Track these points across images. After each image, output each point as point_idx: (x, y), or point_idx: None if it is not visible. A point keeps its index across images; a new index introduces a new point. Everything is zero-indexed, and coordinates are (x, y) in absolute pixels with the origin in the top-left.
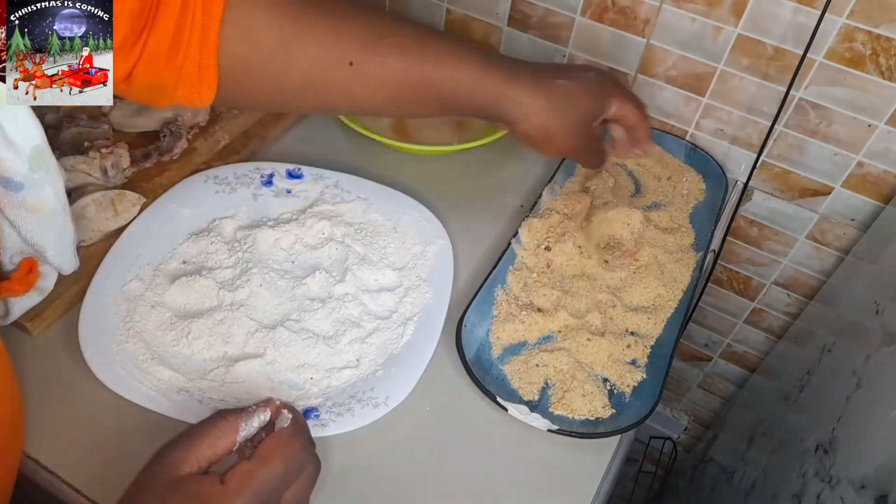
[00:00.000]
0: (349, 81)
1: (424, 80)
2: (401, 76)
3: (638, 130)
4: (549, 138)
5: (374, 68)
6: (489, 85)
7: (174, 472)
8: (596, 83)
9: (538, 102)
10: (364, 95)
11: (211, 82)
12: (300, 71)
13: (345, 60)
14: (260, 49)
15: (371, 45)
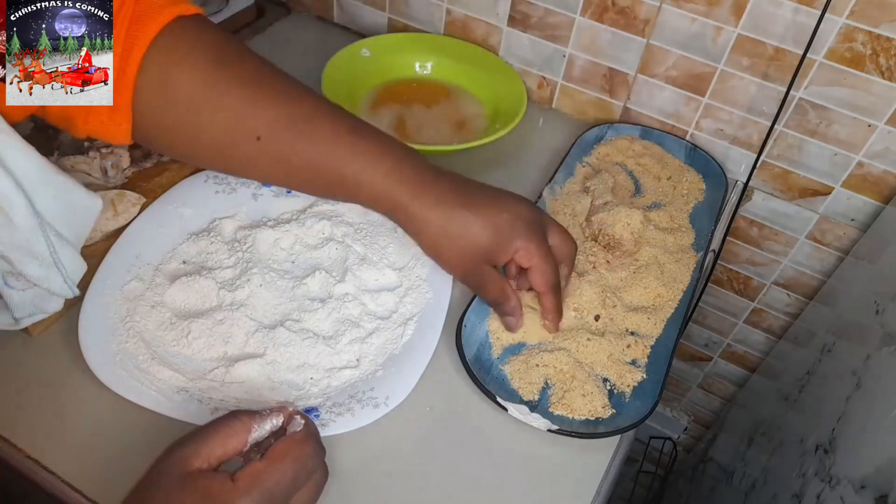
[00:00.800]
0: (255, 155)
1: (329, 174)
2: (306, 164)
3: (541, 298)
4: (439, 258)
5: (280, 148)
6: (390, 196)
7: (184, 468)
8: (502, 225)
9: (431, 228)
10: (269, 171)
11: (123, 122)
12: (209, 136)
13: (252, 135)
14: (173, 106)
15: (281, 126)
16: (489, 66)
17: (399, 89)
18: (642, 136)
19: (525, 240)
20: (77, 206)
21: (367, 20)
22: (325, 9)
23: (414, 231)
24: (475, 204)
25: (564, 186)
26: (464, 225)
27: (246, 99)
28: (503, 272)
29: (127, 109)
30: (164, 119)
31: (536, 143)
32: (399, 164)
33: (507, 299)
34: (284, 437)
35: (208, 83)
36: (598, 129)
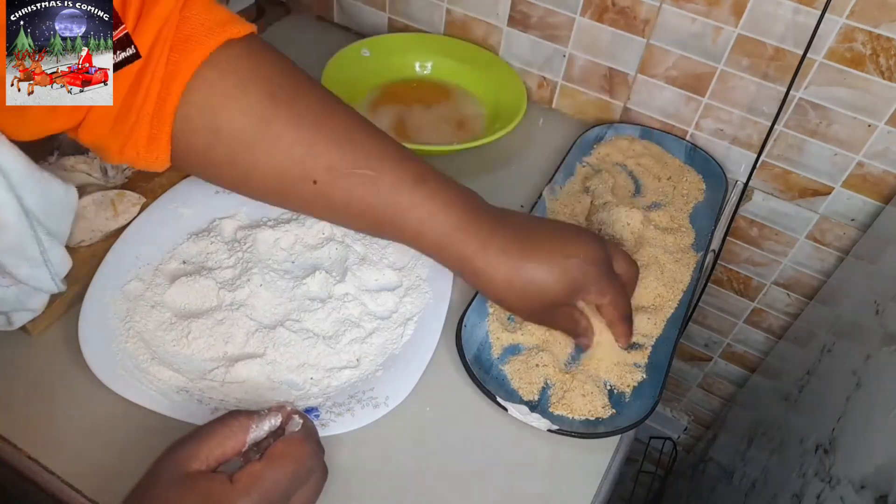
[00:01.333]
0: (311, 198)
1: (389, 224)
2: (366, 211)
3: (614, 328)
4: (506, 308)
5: (339, 194)
6: (454, 250)
7: (183, 469)
8: (574, 272)
9: (497, 283)
10: (326, 213)
11: (161, 154)
12: (261, 176)
13: (308, 178)
14: (222, 142)
15: (340, 171)
16: (489, 66)
17: (399, 89)
18: (642, 136)
19: (597, 283)
20: (57, 199)
21: (367, 20)
22: (325, 9)
23: (479, 284)
24: (540, 251)
25: (564, 186)
26: (532, 277)
27: (303, 141)
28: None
29: (166, 141)
30: (210, 153)
31: (536, 143)
32: (463, 216)
33: (578, 327)
34: (283, 437)
35: (263, 121)
36: (598, 129)
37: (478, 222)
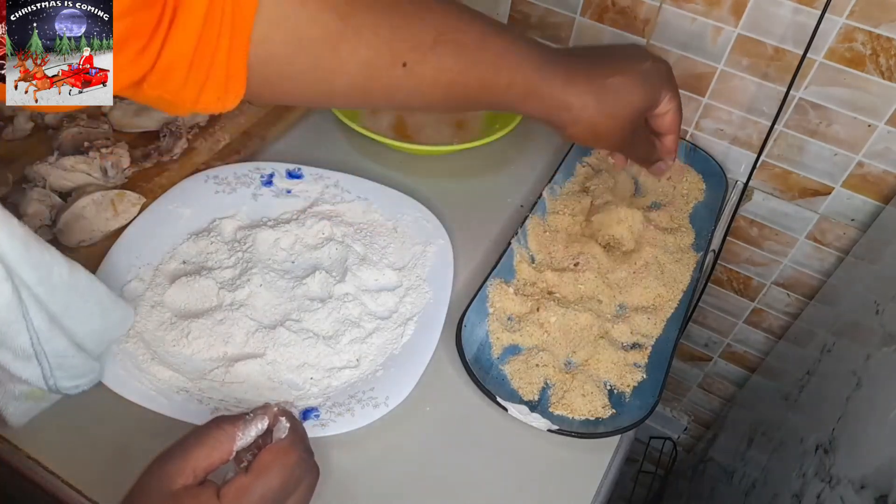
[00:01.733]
0: (400, 82)
1: (480, 83)
2: (456, 79)
3: (666, 139)
4: (597, 137)
5: (428, 70)
6: (544, 92)
7: (170, 486)
8: (650, 76)
9: (589, 110)
10: (414, 96)
11: (238, 90)
12: (347, 74)
13: (398, 62)
14: (303, 51)
15: (427, 46)
16: None
17: None
18: None
19: (668, 84)
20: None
21: None
22: None
23: (571, 119)
24: (617, 67)
25: (564, 186)
26: (617, 94)
27: (388, 22)
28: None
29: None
30: (290, 68)
31: (536, 143)
32: (543, 56)
33: (655, 149)
34: (270, 445)
35: (342, 14)
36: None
37: (556, 58)
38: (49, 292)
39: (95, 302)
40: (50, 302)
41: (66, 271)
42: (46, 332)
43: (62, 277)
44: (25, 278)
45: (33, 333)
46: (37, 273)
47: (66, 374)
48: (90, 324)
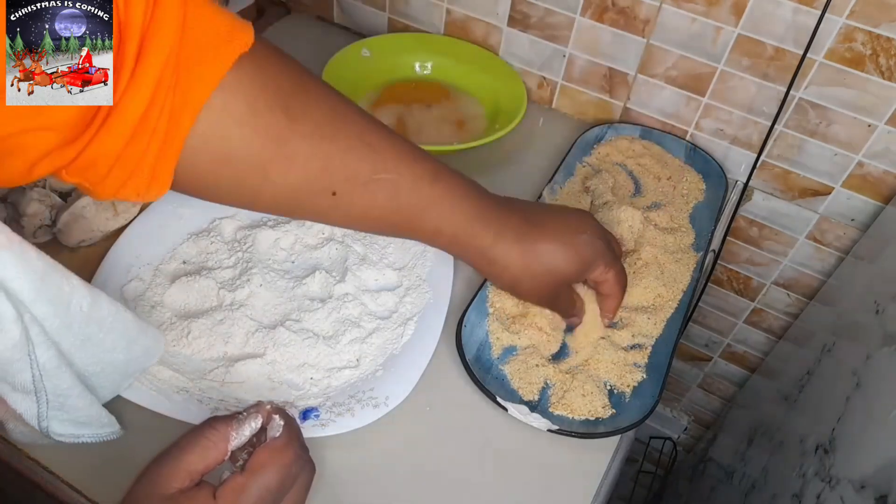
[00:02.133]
0: (327, 209)
1: (408, 225)
2: (383, 216)
3: (607, 301)
4: (516, 293)
5: (357, 204)
6: (470, 245)
7: (165, 490)
8: (583, 248)
9: (512, 269)
10: (340, 222)
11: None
12: (273, 194)
13: (327, 191)
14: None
15: (361, 181)
16: (489, 66)
17: (399, 89)
18: (642, 136)
19: (603, 257)
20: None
21: (367, 20)
22: (325, 9)
23: (494, 272)
24: (551, 233)
25: (564, 186)
26: (548, 260)
27: (321, 155)
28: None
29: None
30: (219, 176)
31: (536, 143)
32: (478, 208)
33: (575, 306)
34: (265, 444)
35: (278, 141)
36: (598, 129)
37: (489, 213)
38: (64, 326)
39: (119, 333)
40: (64, 336)
41: (87, 302)
42: (53, 368)
43: (82, 309)
44: (39, 314)
45: (36, 370)
46: (53, 307)
47: (65, 416)
48: (111, 356)
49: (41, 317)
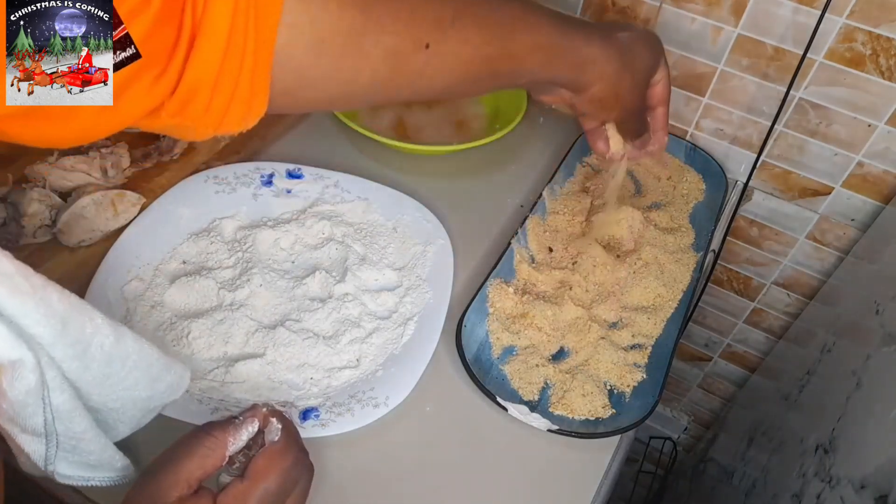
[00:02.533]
0: (424, 65)
1: (503, 52)
2: (479, 51)
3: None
4: (617, 97)
5: (451, 48)
6: (567, 49)
7: (164, 499)
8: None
9: (613, 62)
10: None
11: (260, 107)
12: (372, 67)
13: (421, 45)
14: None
15: (447, 23)
16: None
17: None
18: None
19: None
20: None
21: None
22: None
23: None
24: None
25: (564, 186)
26: (632, 50)
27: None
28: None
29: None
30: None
31: (536, 143)
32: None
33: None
34: (264, 449)
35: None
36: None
37: (569, 20)
38: (83, 367)
39: (143, 371)
40: (82, 376)
41: (109, 342)
42: (67, 412)
43: (103, 348)
44: (58, 356)
45: (49, 415)
46: (73, 349)
47: (76, 458)
48: (132, 393)
49: (59, 359)
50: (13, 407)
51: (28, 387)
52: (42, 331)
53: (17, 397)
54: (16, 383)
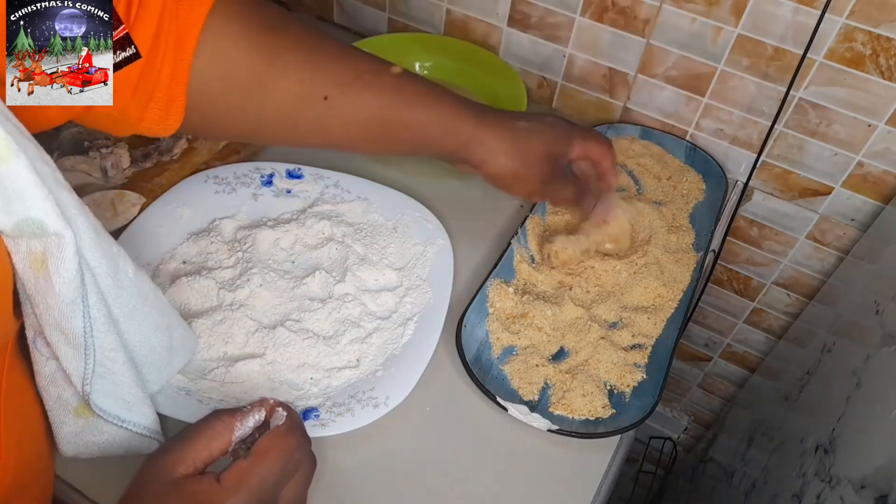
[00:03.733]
0: (324, 117)
1: (399, 120)
2: (376, 114)
3: (603, 162)
4: (516, 177)
5: (349, 105)
6: (460, 127)
7: (170, 475)
8: (554, 126)
9: (503, 144)
10: (337, 132)
11: (178, 114)
12: (275, 107)
13: (320, 96)
14: (234, 86)
15: (347, 82)
16: (489, 66)
17: None
18: (642, 136)
19: (574, 131)
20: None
21: (367, 20)
22: (325, 9)
23: (487, 158)
24: (522, 116)
25: None
26: (528, 135)
27: (310, 60)
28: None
29: (182, 100)
30: (224, 101)
31: None
32: (456, 101)
33: (583, 190)
34: (268, 431)
35: (270, 54)
36: (598, 129)
37: (467, 103)
38: (116, 288)
39: (160, 311)
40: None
41: (131, 270)
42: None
43: (128, 275)
44: (93, 264)
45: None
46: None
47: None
48: (155, 338)
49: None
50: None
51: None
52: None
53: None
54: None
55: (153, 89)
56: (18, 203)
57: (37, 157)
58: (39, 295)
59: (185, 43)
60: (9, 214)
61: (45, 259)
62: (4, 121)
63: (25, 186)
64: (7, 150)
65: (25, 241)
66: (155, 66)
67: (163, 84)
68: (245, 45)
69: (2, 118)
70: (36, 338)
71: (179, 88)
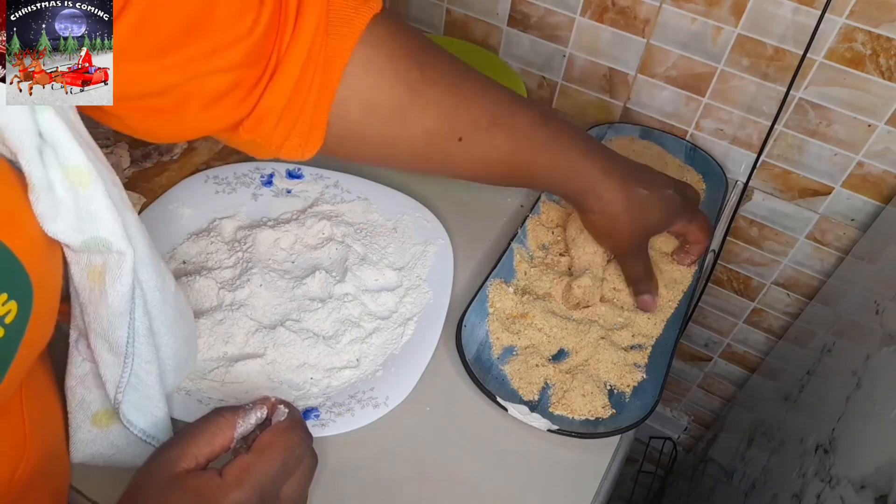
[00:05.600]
0: (454, 155)
1: (525, 163)
2: (505, 158)
3: (692, 246)
4: (611, 236)
5: (480, 147)
6: (584, 178)
7: (172, 469)
8: (670, 203)
9: (618, 205)
10: (465, 167)
11: (317, 141)
12: (410, 141)
13: (455, 136)
14: (375, 117)
15: (483, 125)
16: (489, 66)
17: None
18: (642, 136)
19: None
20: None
21: None
22: None
23: (597, 210)
24: (648, 179)
25: None
26: (644, 205)
27: (451, 100)
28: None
29: (323, 127)
30: (361, 129)
31: None
32: (587, 147)
33: (651, 277)
34: (270, 427)
35: (414, 88)
36: (598, 129)
37: (598, 152)
38: (161, 303)
39: (188, 323)
40: (160, 314)
41: (173, 285)
42: (143, 336)
43: (171, 290)
44: (143, 279)
45: (132, 332)
46: (155, 278)
47: (139, 401)
48: (185, 349)
49: (144, 281)
50: (108, 314)
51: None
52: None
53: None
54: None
55: (297, 118)
56: (90, 223)
57: (110, 181)
58: (92, 304)
59: (332, 72)
60: (80, 233)
61: (104, 273)
62: (87, 149)
63: (99, 210)
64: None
65: (87, 255)
66: (300, 97)
67: (306, 114)
68: (390, 78)
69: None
70: (79, 339)
71: (321, 118)
